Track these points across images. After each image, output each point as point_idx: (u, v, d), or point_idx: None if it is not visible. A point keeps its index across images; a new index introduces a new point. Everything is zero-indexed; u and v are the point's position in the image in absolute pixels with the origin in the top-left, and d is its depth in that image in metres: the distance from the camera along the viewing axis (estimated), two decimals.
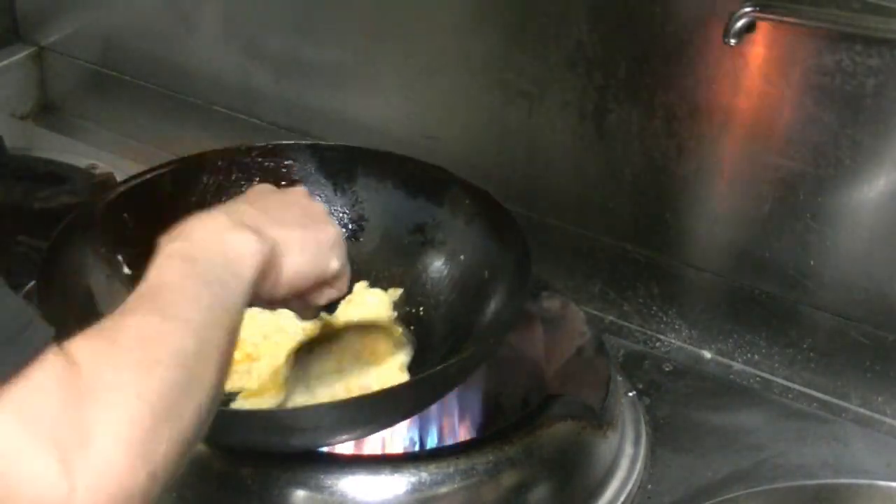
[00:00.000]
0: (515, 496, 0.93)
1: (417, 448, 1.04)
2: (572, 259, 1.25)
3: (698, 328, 1.20)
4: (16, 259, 1.21)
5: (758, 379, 1.17)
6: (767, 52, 1.04)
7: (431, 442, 1.05)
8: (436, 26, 1.27)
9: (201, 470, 0.93)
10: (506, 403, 1.11)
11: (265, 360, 1.03)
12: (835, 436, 1.07)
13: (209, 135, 1.45)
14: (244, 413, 0.95)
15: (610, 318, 1.24)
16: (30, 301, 0.85)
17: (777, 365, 1.16)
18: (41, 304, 0.88)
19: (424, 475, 0.90)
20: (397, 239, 1.09)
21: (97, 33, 1.57)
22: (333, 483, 0.90)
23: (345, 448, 1.00)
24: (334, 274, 0.86)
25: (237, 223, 0.76)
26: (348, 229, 1.10)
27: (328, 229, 0.86)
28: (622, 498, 0.99)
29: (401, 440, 1.04)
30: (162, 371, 0.61)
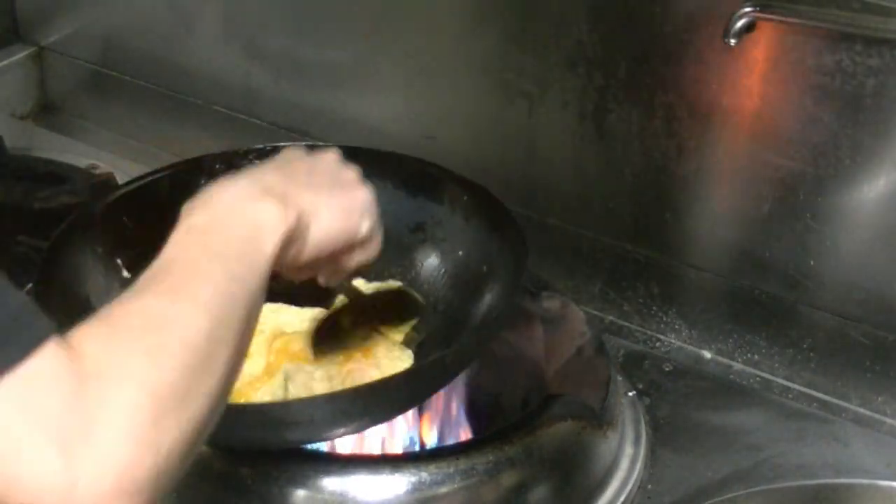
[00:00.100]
0: (515, 496, 0.93)
1: (417, 448, 1.04)
2: (572, 259, 1.25)
3: (698, 328, 1.20)
4: (16, 259, 1.20)
5: (758, 379, 1.17)
6: (767, 52, 1.04)
7: (431, 442, 1.05)
8: (436, 26, 1.27)
9: (201, 470, 0.93)
10: (506, 403, 1.11)
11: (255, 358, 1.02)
12: (835, 436, 1.07)
13: (209, 135, 1.45)
14: (236, 407, 0.94)
15: (610, 318, 1.24)
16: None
17: (777, 365, 1.16)
18: (40, 305, 0.88)
19: (424, 475, 0.90)
20: (398, 238, 1.09)
21: (97, 33, 1.57)
22: (333, 483, 0.90)
23: (345, 448, 1.00)
24: (364, 238, 0.84)
25: (261, 190, 0.73)
26: None
27: (358, 193, 0.84)
28: (622, 498, 0.99)
29: (401, 440, 1.04)
30: (169, 357, 0.59)
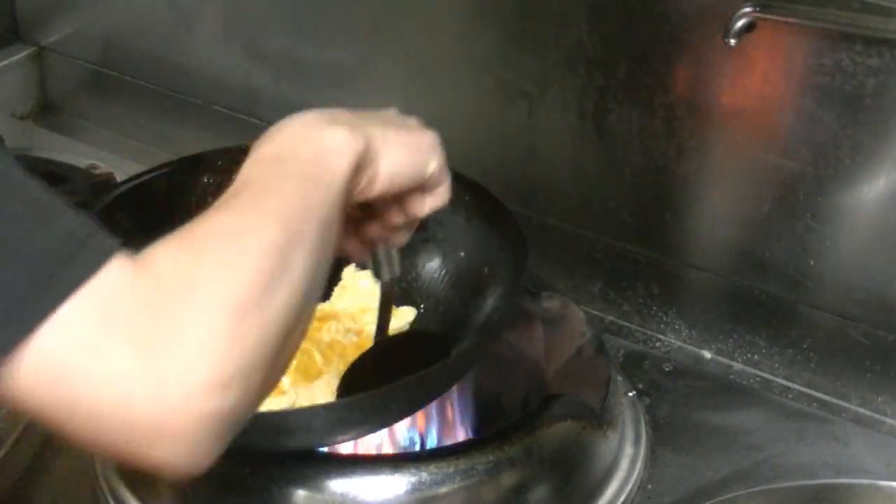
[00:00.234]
0: (515, 496, 0.93)
1: (417, 448, 1.04)
2: (572, 259, 1.25)
3: (698, 328, 1.20)
4: None
5: (758, 379, 1.17)
6: (767, 52, 1.04)
7: (431, 442, 1.05)
8: (436, 26, 1.27)
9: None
10: (506, 403, 1.11)
11: None
12: (835, 436, 1.07)
13: (209, 135, 1.45)
14: None
15: (610, 318, 1.24)
16: None
17: (777, 365, 1.16)
18: None
19: (424, 475, 0.90)
20: None
21: (97, 33, 1.56)
22: (333, 483, 0.89)
23: (345, 448, 0.99)
24: (433, 175, 0.80)
25: (328, 119, 0.73)
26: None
27: (425, 133, 0.81)
28: (622, 498, 0.99)
29: (401, 440, 1.04)
30: (245, 262, 0.59)
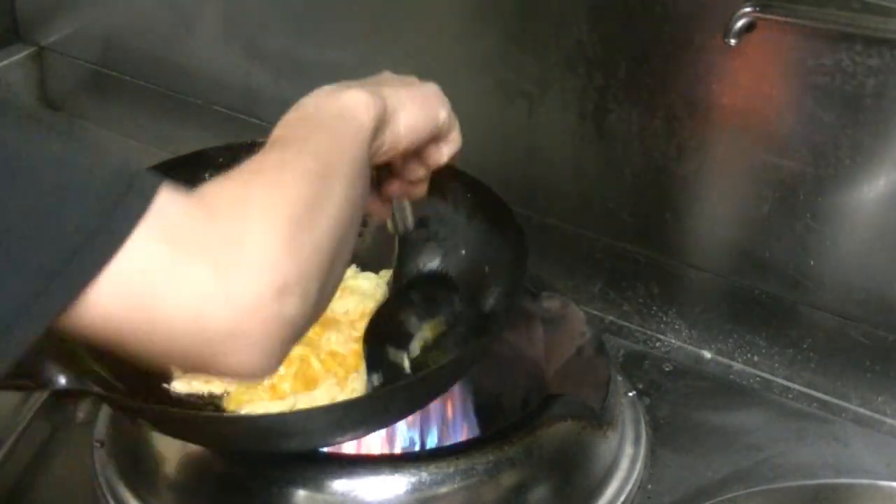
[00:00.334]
0: (515, 496, 0.93)
1: (417, 448, 1.04)
2: (572, 259, 1.25)
3: (698, 328, 1.20)
4: None
5: (758, 379, 1.17)
6: (767, 52, 1.04)
7: (431, 442, 1.05)
8: (436, 26, 1.27)
9: (201, 470, 0.93)
10: (506, 403, 1.11)
11: None
12: (835, 436, 1.07)
13: (209, 135, 1.45)
14: (228, 418, 0.94)
15: (610, 318, 1.24)
16: None
17: (777, 365, 1.16)
18: None
19: (424, 475, 0.90)
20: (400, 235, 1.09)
21: (97, 33, 1.56)
22: (333, 483, 0.90)
23: (345, 448, 0.99)
24: (445, 123, 0.88)
25: (348, 85, 0.80)
26: None
27: (427, 85, 0.89)
28: (622, 498, 0.99)
29: (401, 440, 1.04)
30: (291, 185, 0.65)
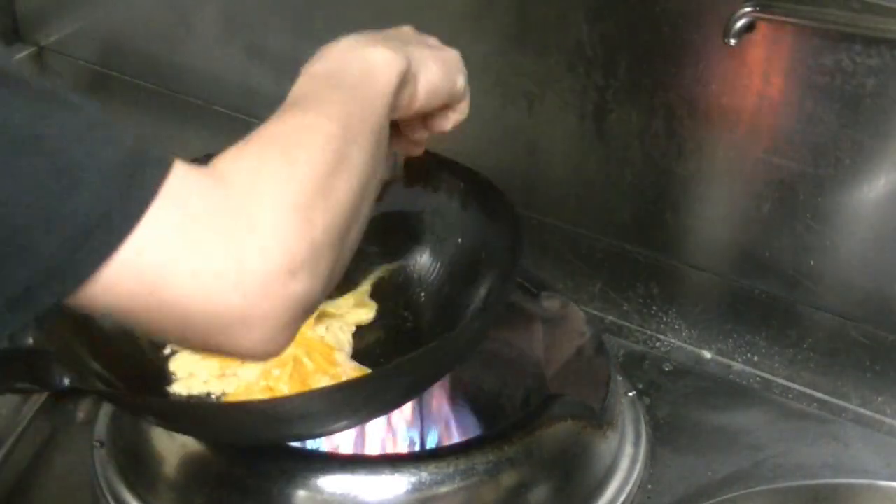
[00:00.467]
0: (515, 496, 0.93)
1: (417, 448, 1.04)
2: (572, 259, 1.25)
3: (698, 328, 1.20)
4: None
5: (758, 379, 1.17)
6: (767, 52, 1.04)
7: (431, 442, 1.05)
8: (436, 26, 1.26)
9: (201, 470, 0.93)
10: (506, 403, 1.11)
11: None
12: (835, 436, 1.07)
13: (209, 135, 1.45)
14: (228, 406, 0.94)
15: (610, 318, 1.24)
16: None
17: (777, 365, 1.16)
18: None
19: (424, 475, 0.90)
20: (395, 227, 1.09)
21: (97, 33, 1.56)
22: (333, 483, 0.90)
23: (345, 448, 1.00)
24: (461, 91, 0.89)
25: (370, 40, 0.79)
26: None
27: (449, 51, 0.89)
28: (622, 498, 0.99)
29: (401, 440, 1.04)
30: (307, 157, 0.65)
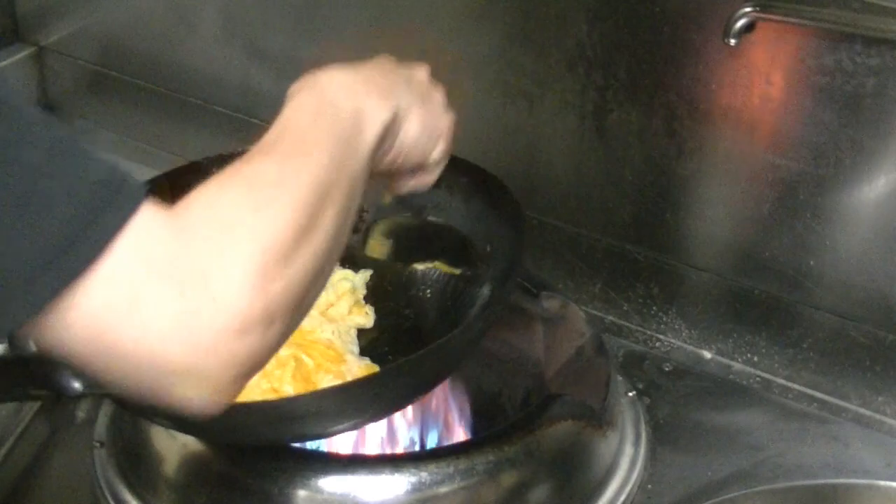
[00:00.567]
0: (515, 496, 0.93)
1: (417, 448, 1.04)
2: (572, 259, 1.25)
3: (698, 328, 1.20)
4: None
5: (758, 379, 1.17)
6: (767, 52, 1.04)
7: (431, 442, 1.05)
8: (436, 26, 1.27)
9: (201, 470, 0.93)
10: (506, 403, 1.11)
11: None
12: (835, 436, 1.07)
13: (209, 135, 1.45)
14: (238, 406, 0.93)
15: (610, 318, 1.24)
16: None
17: (777, 365, 1.16)
18: None
19: (424, 475, 0.90)
20: (398, 225, 1.09)
21: (97, 33, 1.56)
22: (333, 483, 0.90)
23: (345, 448, 1.00)
24: (437, 159, 0.87)
25: (364, 80, 0.78)
26: None
27: (444, 115, 0.87)
28: (622, 498, 0.99)
29: (401, 440, 1.04)
30: (277, 212, 0.63)
